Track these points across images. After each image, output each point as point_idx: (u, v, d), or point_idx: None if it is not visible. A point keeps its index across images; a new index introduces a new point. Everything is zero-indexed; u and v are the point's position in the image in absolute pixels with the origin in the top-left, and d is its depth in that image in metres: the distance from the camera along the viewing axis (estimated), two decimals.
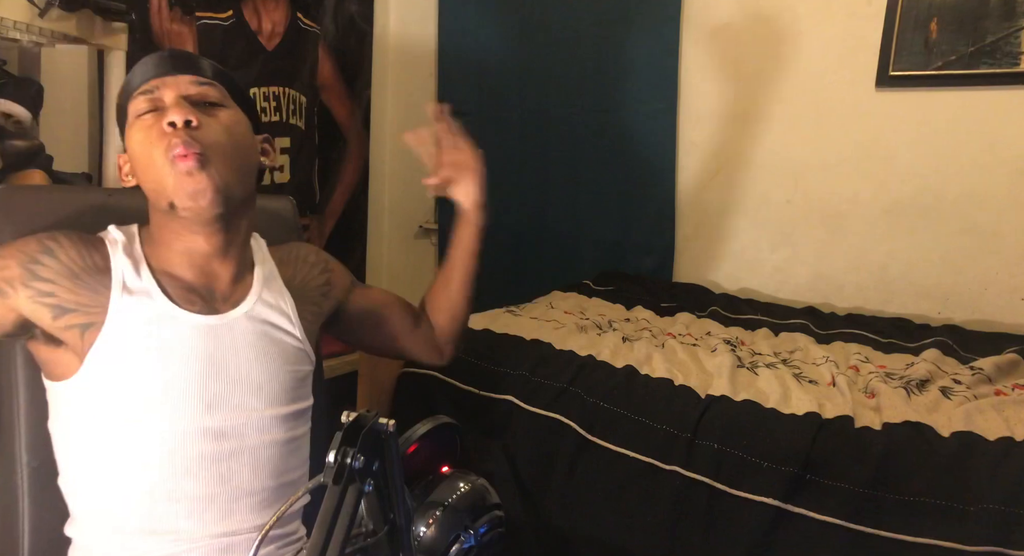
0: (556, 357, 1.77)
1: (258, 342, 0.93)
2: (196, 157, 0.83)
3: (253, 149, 0.95)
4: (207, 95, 0.90)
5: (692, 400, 1.56)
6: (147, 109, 0.88)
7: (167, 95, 0.88)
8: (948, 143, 2.31)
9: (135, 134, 0.88)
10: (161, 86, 0.88)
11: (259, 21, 2.58)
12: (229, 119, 0.90)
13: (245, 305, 0.94)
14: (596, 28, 2.82)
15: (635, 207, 2.83)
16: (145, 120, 0.87)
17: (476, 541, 0.66)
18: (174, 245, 0.91)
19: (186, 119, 0.84)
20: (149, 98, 0.88)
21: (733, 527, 1.39)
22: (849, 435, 1.40)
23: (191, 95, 0.89)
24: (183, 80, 0.89)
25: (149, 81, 0.89)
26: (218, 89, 0.92)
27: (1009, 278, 2.25)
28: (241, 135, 0.92)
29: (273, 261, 1.03)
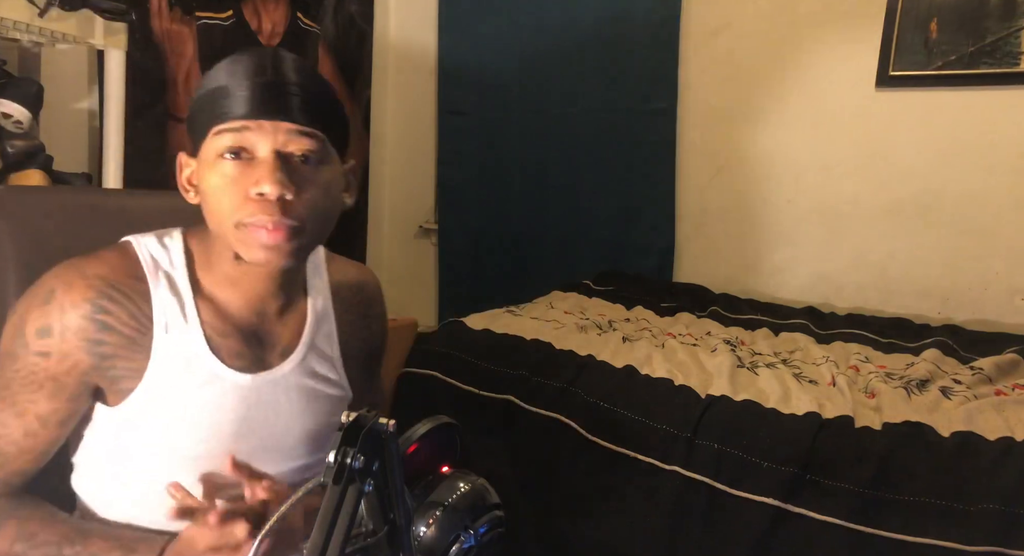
0: (556, 357, 1.78)
1: (301, 399, 0.87)
2: (287, 230, 0.74)
3: (340, 198, 0.83)
4: (307, 151, 0.76)
5: (692, 400, 1.56)
6: (231, 153, 0.74)
7: (260, 146, 0.74)
8: (948, 143, 2.31)
9: (212, 176, 0.75)
10: (253, 130, 0.74)
11: (259, 21, 2.58)
12: (327, 181, 0.78)
13: (295, 357, 0.87)
14: (596, 28, 2.82)
15: (635, 207, 2.83)
16: (226, 165, 0.74)
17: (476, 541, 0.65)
18: (226, 268, 0.82)
19: (280, 195, 0.73)
20: (236, 140, 0.74)
21: (733, 527, 1.39)
22: (849, 435, 1.40)
23: (290, 152, 0.75)
24: (281, 128, 0.74)
25: (239, 119, 0.74)
26: (319, 142, 0.76)
27: (1009, 278, 2.25)
28: (335, 193, 0.81)
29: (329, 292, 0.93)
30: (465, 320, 2.05)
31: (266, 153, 0.74)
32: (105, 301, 0.77)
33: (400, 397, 1.87)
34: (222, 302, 0.83)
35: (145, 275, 0.80)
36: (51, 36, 1.71)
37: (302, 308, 0.90)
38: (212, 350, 0.81)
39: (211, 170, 0.75)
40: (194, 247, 0.84)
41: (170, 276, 0.82)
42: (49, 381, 0.77)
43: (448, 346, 1.91)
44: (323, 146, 0.77)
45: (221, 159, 0.75)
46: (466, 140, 3.19)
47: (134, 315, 0.78)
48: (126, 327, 0.78)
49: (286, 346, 0.87)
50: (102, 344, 0.77)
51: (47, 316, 0.76)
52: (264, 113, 0.74)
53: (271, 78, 0.75)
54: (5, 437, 0.78)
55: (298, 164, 0.76)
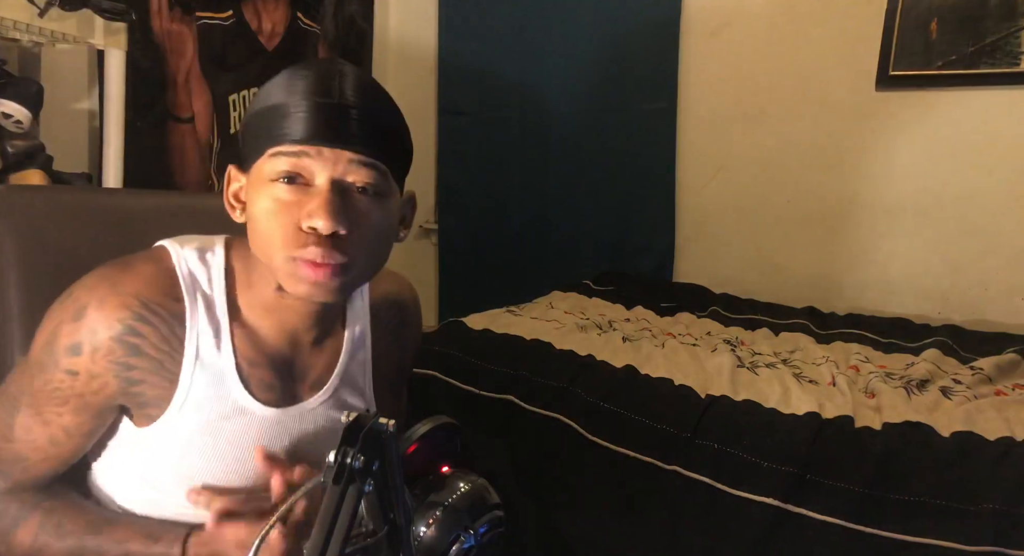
0: (556, 357, 1.77)
1: (327, 432, 0.84)
2: (334, 268, 0.70)
3: (392, 238, 0.78)
4: (367, 183, 0.71)
5: (692, 400, 1.56)
6: (286, 178, 0.70)
7: (317, 174, 0.69)
8: (948, 143, 2.31)
9: (264, 200, 0.70)
10: (312, 156, 0.69)
11: (259, 21, 2.58)
12: (382, 216, 0.73)
13: (326, 391, 0.84)
14: (596, 28, 2.82)
15: (635, 207, 2.83)
16: (280, 189, 0.70)
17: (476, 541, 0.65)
18: (266, 295, 0.78)
19: (333, 231, 0.68)
20: (292, 165, 0.69)
21: (733, 527, 1.39)
22: (849, 435, 1.40)
23: (349, 183, 0.70)
24: (341, 157, 0.69)
25: (297, 143, 0.69)
26: (379, 173, 0.71)
27: (1009, 278, 2.25)
28: (391, 227, 0.76)
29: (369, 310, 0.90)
30: (465, 320, 2.05)
31: (323, 182, 0.69)
32: (139, 323, 0.74)
33: None
34: (257, 329, 0.80)
35: (183, 296, 0.76)
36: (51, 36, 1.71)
37: (339, 336, 0.87)
38: (242, 380, 0.78)
39: (263, 193, 0.71)
40: (237, 266, 0.80)
41: (208, 298, 0.78)
42: (75, 398, 0.75)
43: (448, 346, 1.91)
44: (385, 179, 0.73)
45: (275, 183, 0.70)
46: (466, 140, 3.19)
47: (166, 339, 0.75)
48: (157, 351, 0.75)
49: (317, 378, 0.85)
50: (131, 369, 0.74)
51: (78, 333, 0.73)
52: (325, 139, 0.68)
53: (335, 100, 0.69)
54: (30, 443, 0.77)
55: (356, 196, 0.71)
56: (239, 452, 0.79)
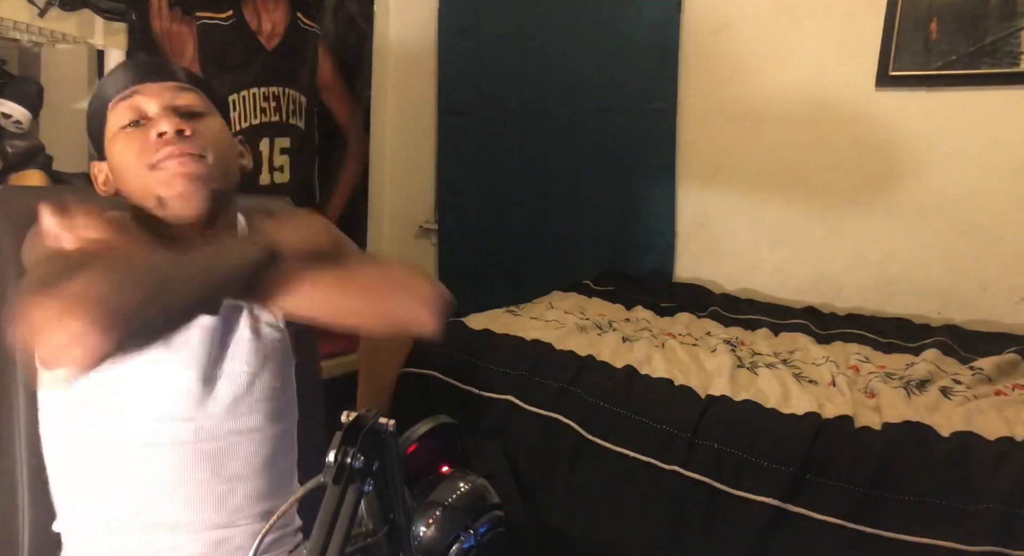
0: (556, 357, 1.77)
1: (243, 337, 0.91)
2: (191, 157, 0.82)
3: (235, 151, 0.93)
4: (192, 105, 0.87)
5: (692, 400, 1.56)
6: (130, 120, 0.84)
7: (150, 105, 0.85)
8: (948, 143, 2.30)
9: (120, 143, 0.84)
10: (141, 93, 0.85)
11: (259, 21, 2.58)
12: (216, 126, 0.88)
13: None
14: (596, 28, 2.82)
15: (635, 207, 2.83)
16: (129, 133, 0.84)
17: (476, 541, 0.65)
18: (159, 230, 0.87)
19: (177, 129, 0.82)
20: (130, 106, 0.85)
21: (733, 527, 1.39)
22: (849, 435, 1.40)
23: (177, 105, 0.86)
24: (165, 88, 0.86)
25: (127, 88, 0.85)
26: (200, 96, 0.89)
27: (1009, 278, 2.25)
28: (227, 140, 0.90)
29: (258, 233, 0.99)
30: (465, 320, 2.05)
31: (157, 109, 0.84)
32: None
33: (400, 397, 1.87)
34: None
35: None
36: (51, 36, 1.71)
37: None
38: None
39: (117, 141, 0.84)
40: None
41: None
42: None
43: (448, 346, 1.91)
44: (207, 101, 0.89)
45: (123, 130, 0.84)
46: (466, 140, 3.19)
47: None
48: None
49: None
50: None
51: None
52: (147, 77, 0.86)
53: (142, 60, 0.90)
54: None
55: (188, 113, 0.86)
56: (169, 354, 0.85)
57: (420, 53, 3.28)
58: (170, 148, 0.81)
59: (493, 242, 3.16)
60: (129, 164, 0.83)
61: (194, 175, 0.82)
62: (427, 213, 3.40)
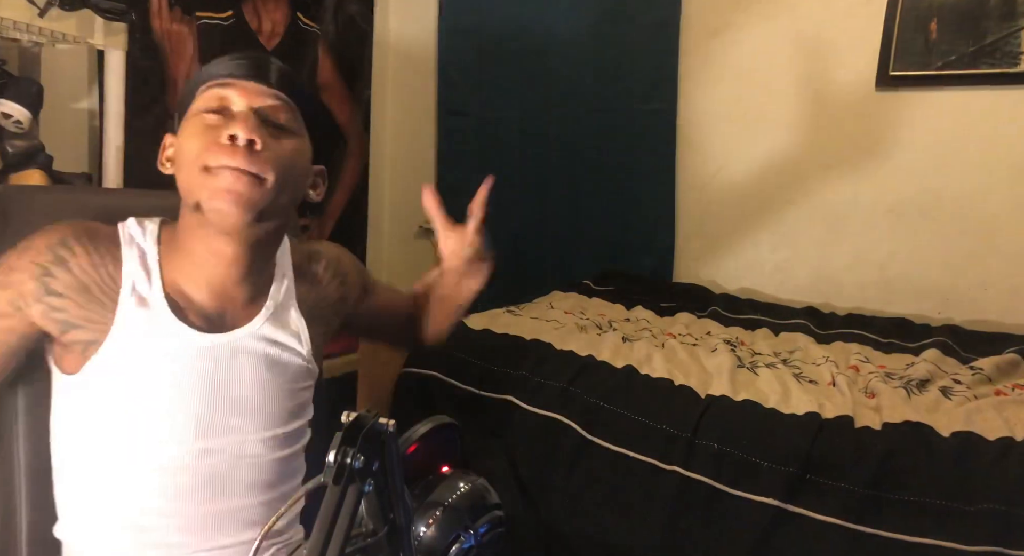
0: (556, 357, 1.77)
1: (262, 363, 0.90)
2: (249, 176, 0.79)
3: (305, 180, 0.89)
4: (278, 115, 0.84)
5: (692, 400, 1.56)
6: (215, 108, 0.82)
7: (237, 101, 0.82)
8: (948, 143, 2.30)
9: (192, 127, 0.82)
10: (235, 87, 0.83)
11: (259, 21, 2.58)
12: (293, 148, 0.84)
13: (253, 324, 0.90)
14: (596, 28, 2.82)
15: (635, 207, 2.83)
16: (208, 119, 0.81)
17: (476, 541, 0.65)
18: (196, 251, 0.85)
19: (249, 139, 0.79)
20: (219, 96, 0.82)
21: (733, 527, 1.39)
22: (849, 435, 1.40)
23: (262, 108, 0.83)
24: (260, 89, 0.83)
25: (224, 77, 0.83)
26: (291, 110, 0.85)
27: (1009, 278, 2.25)
28: (300, 167, 0.86)
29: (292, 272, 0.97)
30: (465, 320, 2.05)
31: (243, 107, 0.82)
32: (73, 240, 0.82)
33: (400, 397, 1.87)
34: (186, 288, 0.86)
35: (120, 243, 0.85)
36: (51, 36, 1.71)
37: (265, 298, 0.93)
38: (174, 314, 0.84)
39: (191, 123, 0.82)
40: (166, 233, 0.89)
41: (142, 249, 0.86)
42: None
43: (448, 346, 1.90)
44: (296, 117, 0.86)
45: (203, 114, 0.82)
46: (466, 140, 3.18)
47: (95, 266, 0.82)
48: (82, 272, 0.81)
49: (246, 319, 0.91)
50: (51, 276, 0.80)
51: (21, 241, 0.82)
52: (246, 75, 0.83)
53: (256, 54, 0.86)
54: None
55: (271, 125, 0.83)
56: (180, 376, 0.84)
57: (420, 53, 3.28)
58: (232, 158, 0.78)
59: (493, 242, 3.15)
60: (189, 154, 0.80)
61: (243, 196, 0.79)
62: None
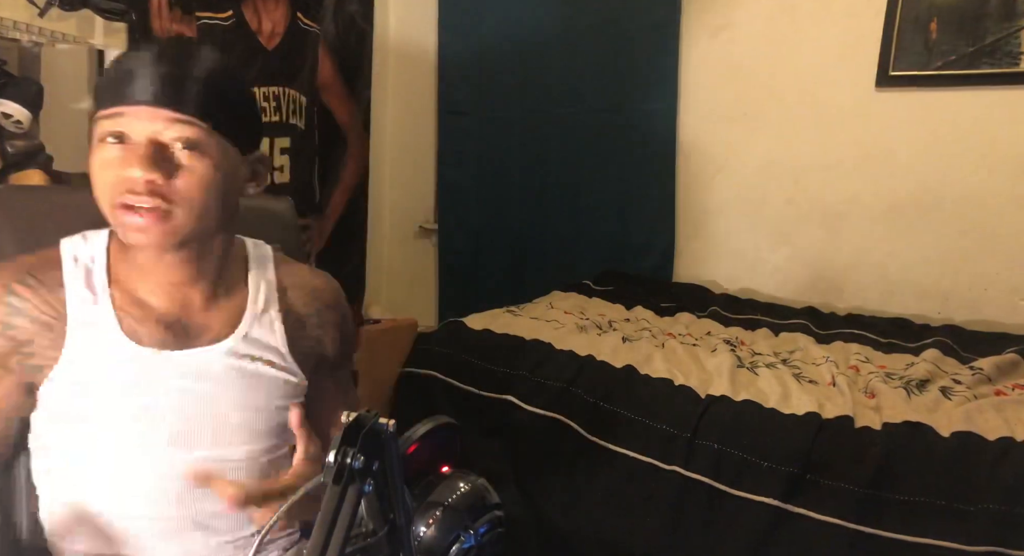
0: (556, 357, 1.77)
1: (237, 381, 0.86)
2: (155, 213, 0.76)
3: (234, 187, 0.84)
4: (185, 138, 0.77)
5: (692, 400, 1.56)
6: (113, 138, 0.77)
7: (136, 131, 0.76)
8: (948, 143, 2.30)
9: (95, 159, 0.78)
10: (129, 116, 0.76)
11: (259, 21, 2.58)
12: (206, 169, 0.78)
13: (227, 343, 0.86)
14: (596, 28, 2.82)
15: (635, 207, 2.83)
16: (108, 149, 0.77)
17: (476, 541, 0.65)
18: (139, 259, 0.84)
19: (148, 180, 0.75)
20: (114, 126, 0.76)
21: (733, 527, 1.39)
22: (849, 435, 1.40)
23: (164, 142, 0.76)
24: (159, 115, 0.76)
25: (116, 104, 0.76)
26: (198, 129, 0.77)
27: (1009, 278, 2.25)
28: (217, 184, 0.80)
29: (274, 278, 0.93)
30: (465, 320, 2.05)
31: (141, 138, 0.76)
32: (18, 285, 0.80)
33: (400, 397, 1.87)
34: (140, 293, 0.85)
35: (62, 267, 0.83)
36: (51, 36, 1.71)
37: (240, 299, 0.90)
38: (127, 333, 0.82)
39: (95, 154, 0.78)
40: (116, 242, 0.86)
41: (87, 268, 0.84)
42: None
43: (448, 346, 1.91)
44: (205, 135, 0.78)
45: (103, 143, 0.77)
46: (466, 140, 3.19)
47: (49, 302, 0.81)
48: (40, 312, 0.80)
49: (217, 334, 0.87)
50: (11, 328, 0.79)
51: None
52: (141, 100, 0.76)
53: (155, 67, 0.76)
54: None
55: (176, 151, 0.77)
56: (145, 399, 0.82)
57: (420, 53, 3.28)
58: (135, 197, 0.75)
59: (493, 242, 3.16)
60: (97, 187, 0.78)
61: (154, 232, 0.77)
62: (427, 213, 3.39)
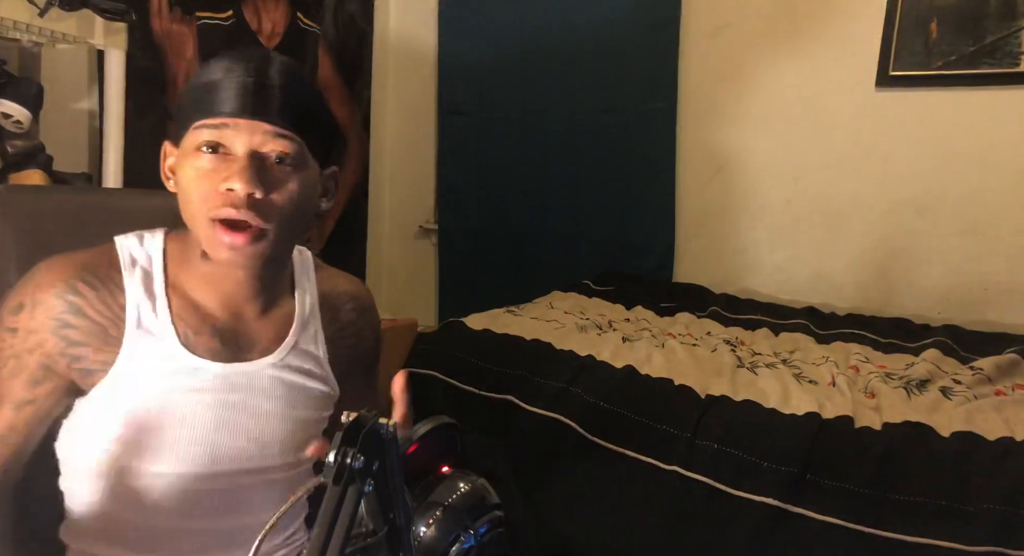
0: (556, 357, 1.77)
1: (283, 393, 0.87)
2: (252, 232, 0.76)
3: (314, 202, 0.84)
4: (282, 153, 0.77)
5: (692, 400, 1.55)
6: (209, 148, 0.76)
7: (236, 144, 0.76)
8: (948, 143, 2.31)
9: (188, 169, 0.77)
10: (231, 127, 0.75)
11: (259, 21, 2.58)
12: (298, 188, 0.78)
13: (276, 355, 0.87)
14: (596, 28, 2.82)
15: (635, 207, 2.83)
16: (203, 158, 0.76)
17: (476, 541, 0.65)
18: (206, 270, 0.83)
19: (248, 193, 0.74)
20: (214, 136, 0.76)
21: (733, 527, 1.39)
22: (849, 435, 1.40)
23: (264, 153, 0.76)
24: (259, 128, 0.76)
25: (218, 116, 0.75)
26: (295, 145, 0.78)
27: (1009, 278, 2.25)
28: (306, 199, 0.81)
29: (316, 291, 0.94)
30: (465, 320, 2.05)
31: (241, 151, 0.76)
32: (80, 283, 0.78)
33: None
34: (197, 301, 0.84)
35: (122, 269, 0.82)
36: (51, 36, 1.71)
37: (287, 309, 0.90)
38: (183, 343, 0.81)
39: (188, 163, 0.77)
40: (173, 246, 0.85)
41: (146, 271, 0.83)
42: (12, 359, 0.78)
43: (448, 346, 1.91)
44: (300, 150, 0.78)
45: (199, 153, 0.76)
46: (466, 140, 3.19)
47: (107, 303, 0.79)
48: (98, 315, 0.79)
49: (266, 347, 0.87)
50: (68, 327, 0.77)
51: (22, 294, 0.78)
52: (244, 112, 0.75)
53: (256, 78, 0.76)
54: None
55: (272, 165, 0.77)
56: (192, 408, 0.82)
57: (420, 53, 3.28)
58: (233, 209, 0.75)
59: (493, 242, 3.16)
60: (189, 200, 0.77)
61: (246, 252, 0.77)
62: (427, 213, 3.40)
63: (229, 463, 0.84)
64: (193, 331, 0.82)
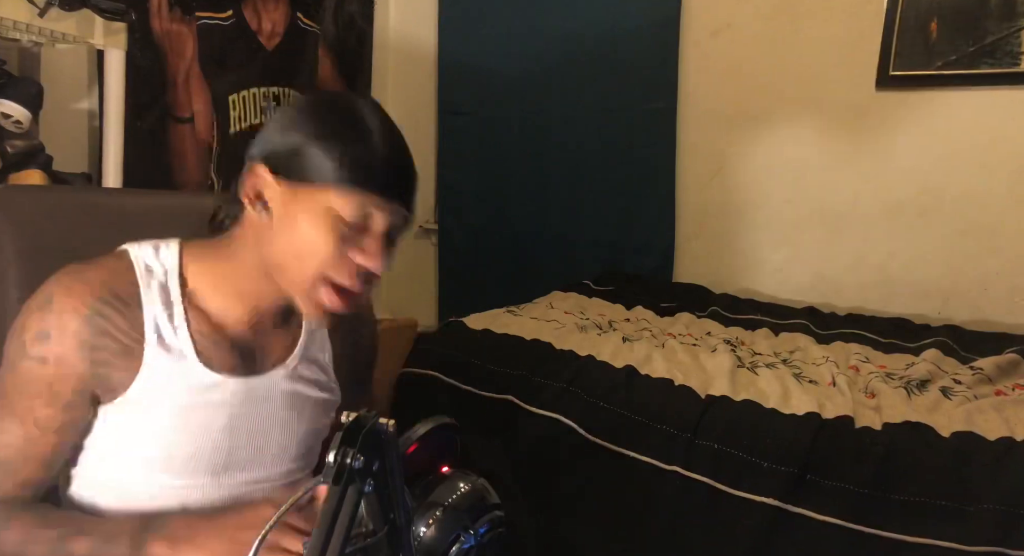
0: (556, 357, 1.77)
1: (292, 402, 0.89)
2: (353, 299, 0.80)
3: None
4: (397, 227, 0.81)
5: (692, 400, 1.55)
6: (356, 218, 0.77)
7: (378, 220, 0.78)
8: (948, 143, 2.30)
9: (316, 223, 0.76)
10: (380, 205, 0.77)
11: (259, 21, 2.58)
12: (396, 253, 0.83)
13: (287, 366, 0.89)
14: (596, 28, 2.82)
15: (635, 207, 2.83)
16: (345, 227, 0.76)
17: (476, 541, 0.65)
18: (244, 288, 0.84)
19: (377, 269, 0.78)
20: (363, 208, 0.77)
21: (733, 527, 1.39)
22: (849, 435, 1.40)
23: (392, 234, 0.81)
24: (399, 214, 0.80)
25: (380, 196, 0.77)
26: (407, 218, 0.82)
27: (1009, 278, 2.25)
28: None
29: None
30: (465, 320, 2.05)
31: (380, 228, 0.79)
32: (104, 306, 0.77)
33: (400, 397, 1.87)
34: (215, 314, 0.84)
35: (139, 283, 0.81)
36: (51, 36, 1.71)
37: (298, 319, 0.92)
38: (203, 361, 0.82)
39: (316, 217, 0.76)
40: (189, 258, 0.85)
41: (163, 285, 0.82)
42: (46, 388, 0.77)
43: (448, 346, 1.91)
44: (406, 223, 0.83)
45: (340, 217, 0.76)
46: (466, 140, 3.19)
47: (131, 323, 0.79)
48: (123, 335, 0.78)
49: (278, 357, 0.89)
50: (97, 349, 0.77)
51: (46, 320, 0.76)
52: (392, 196, 0.78)
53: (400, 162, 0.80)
54: (10, 446, 0.78)
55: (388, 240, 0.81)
56: (204, 421, 0.82)
57: (420, 53, 3.28)
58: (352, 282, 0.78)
59: (493, 242, 3.16)
60: (302, 254, 0.77)
61: (342, 312, 0.80)
62: (427, 213, 3.39)
63: (241, 473, 0.86)
64: (212, 345, 0.83)
